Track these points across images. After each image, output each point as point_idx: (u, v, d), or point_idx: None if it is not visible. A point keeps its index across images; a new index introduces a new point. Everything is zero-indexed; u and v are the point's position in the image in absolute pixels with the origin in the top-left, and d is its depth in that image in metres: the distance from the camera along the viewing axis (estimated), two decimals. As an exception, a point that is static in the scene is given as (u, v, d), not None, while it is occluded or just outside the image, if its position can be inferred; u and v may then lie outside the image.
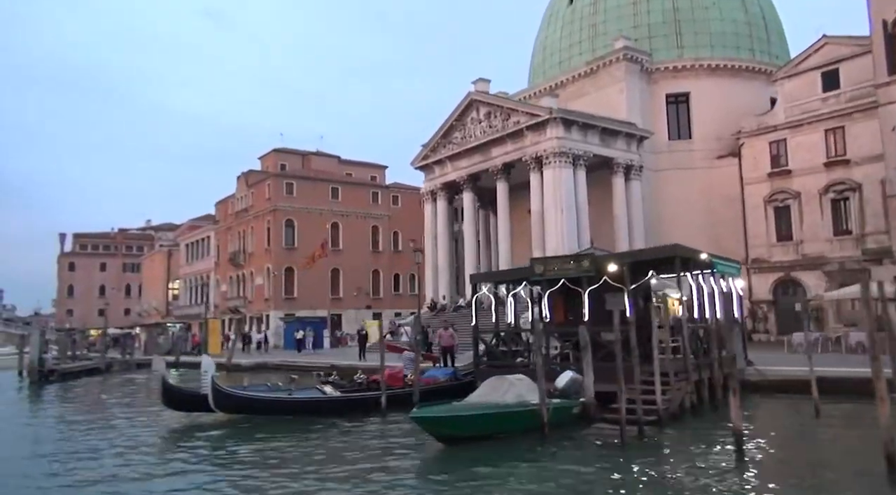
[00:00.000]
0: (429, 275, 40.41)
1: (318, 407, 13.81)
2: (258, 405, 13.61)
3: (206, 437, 12.64)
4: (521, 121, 33.58)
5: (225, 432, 12.99)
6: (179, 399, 14.04)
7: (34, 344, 28.11)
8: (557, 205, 31.53)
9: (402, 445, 11.40)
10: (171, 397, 13.79)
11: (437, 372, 15.72)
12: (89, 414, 17.78)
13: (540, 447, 10.72)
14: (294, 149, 61.62)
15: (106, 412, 18.43)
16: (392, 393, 14.28)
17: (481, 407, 11.30)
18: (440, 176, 39.61)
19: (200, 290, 67.07)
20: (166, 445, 12.27)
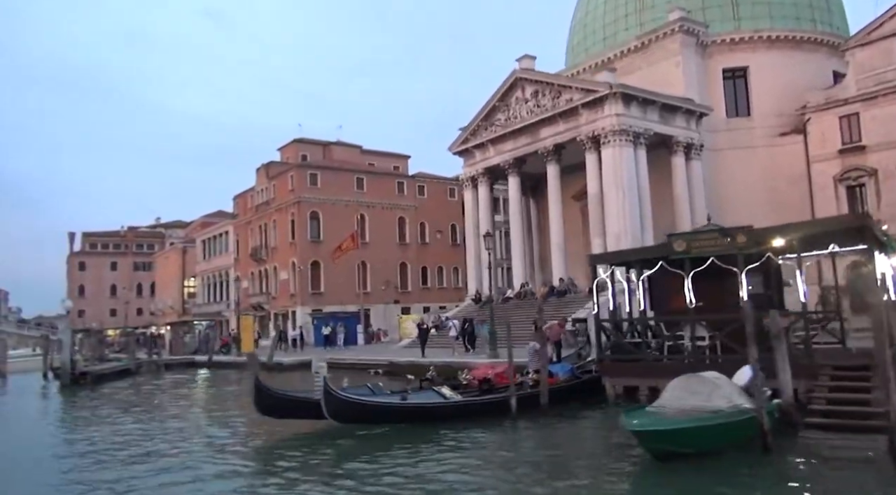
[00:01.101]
0: (471, 266, 38.37)
1: (445, 413, 11.77)
2: (383, 412, 11.52)
3: (336, 453, 10.50)
4: (574, 98, 31.45)
5: (349, 444, 10.83)
6: (281, 405, 11.79)
7: (65, 345, 26.15)
8: (619, 186, 29.43)
9: (594, 461, 9.25)
10: (268, 402, 11.65)
11: (554, 368, 13.66)
12: (172, 422, 15.81)
13: (766, 464, 8.50)
14: (315, 140, 59.57)
15: (190, 418, 16.43)
16: (518, 395, 12.21)
17: (701, 416, 9.03)
18: (482, 160, 37.51)
19: (219, 287, 65.10)
20: (289, 463, 10.11)
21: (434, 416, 11.63)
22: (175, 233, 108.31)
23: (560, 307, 30.02)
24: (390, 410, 11.47)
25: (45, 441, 13.17)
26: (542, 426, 12.05)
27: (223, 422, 15.03)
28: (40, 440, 13.55)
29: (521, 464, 9.39)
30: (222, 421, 15.26)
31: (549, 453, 10.06)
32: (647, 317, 12.75)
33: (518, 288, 34.42)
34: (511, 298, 34.35)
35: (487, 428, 11.57)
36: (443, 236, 58.21)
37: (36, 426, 15.96)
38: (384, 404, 11.53)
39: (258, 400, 11.38)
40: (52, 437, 13.58)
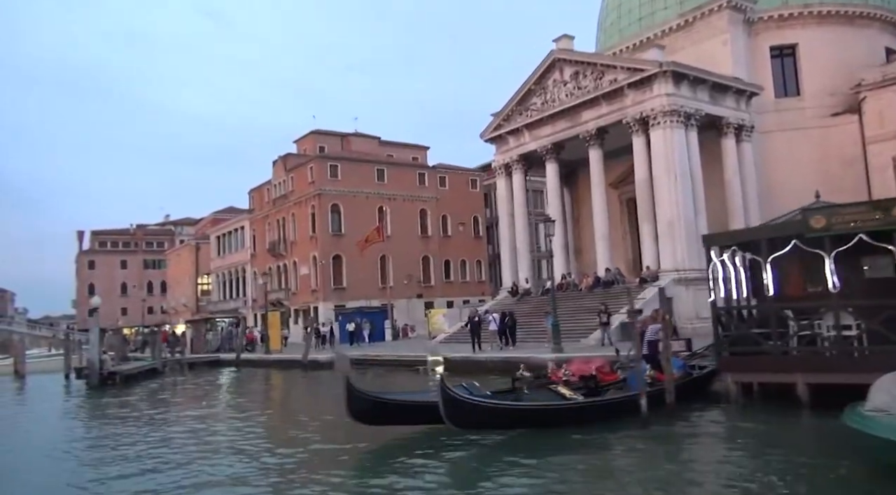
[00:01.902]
0: (506, 258, 36.87)
1: (571, 416, 10.27)
2: (512, 416, 9.97)
3: (467, 464, 9.01)
4: (619, 78, 29.87)
5: (478, 453, 9.30)
6: (382, 409, 10.17)
7: (94, 344, 24.72)
8: (670, 170, 27.88)
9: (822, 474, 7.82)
10: (364, 406, 9.93)
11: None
12: (245, 423, 14.37)
13: None
14: (332, 131, 58.03)
15: (264, 420, 14.92)
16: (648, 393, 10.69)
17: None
18: (516, 147, 35.96)
19: (235, 284, 63.76)
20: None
21: (561, 419, 10.15)
22: (185, 230, 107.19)
23: (608, 299, 28.50)
24: (520, 413, 9.96)
25: (115, 452, 11.62)
26: (689, 426, 10.52)
27: (304, 425, 13.52)
28: (105, 448, 12.07)
29: (718, 476, 7.89)
30: (304, 424, 13.70)
31: (753, 459, 8.55)
32: (778, 305, 11.22)
33: (559, 279, 32.87)
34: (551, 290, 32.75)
35: (621, 431, 10.06)
36: (465, 228, 56.76)
37: (90, 433, 14.47)
38: (515, 407, 9.99)
39: (353, 405, 9.82)
40: (126, 448, 12.00)
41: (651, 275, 27.95)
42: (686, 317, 26.85)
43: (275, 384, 25.17)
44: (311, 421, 13.92)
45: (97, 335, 25.12)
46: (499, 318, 28.31)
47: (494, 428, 9.87)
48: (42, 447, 12.54)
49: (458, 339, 32.02)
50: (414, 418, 10.43)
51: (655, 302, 26.19)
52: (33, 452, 12.30)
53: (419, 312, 51.76)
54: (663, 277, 27.47)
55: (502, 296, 35.63)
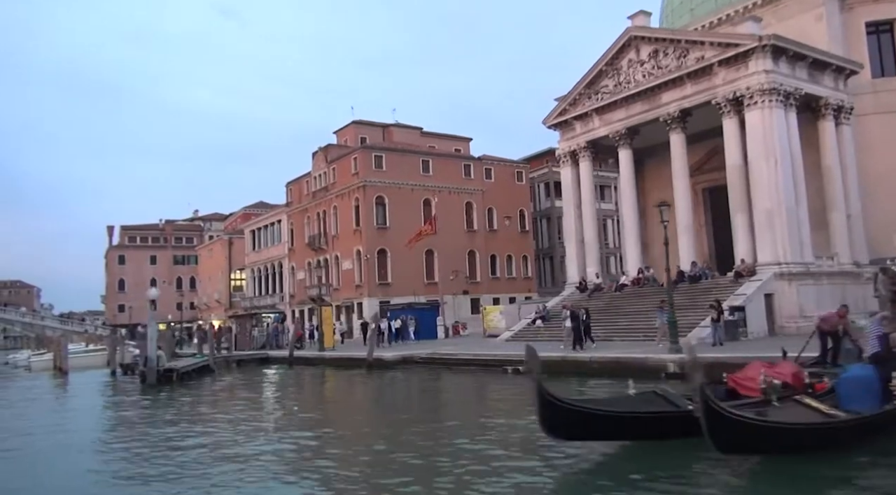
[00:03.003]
0: (571, 251, 34.60)
1: (844, 435, 8.09)
2: (787, 437, 7.72)
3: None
4: (707, 55, 27.51)
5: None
6: (593, 422, 8.03)
7: (152, 339, 22.95)
8: (769, 154, 25.47)
9: None
10: (569, 419, 7.74)
11: (855, 370, 9.80)
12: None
13: None
14: (374, 121, 56.09)
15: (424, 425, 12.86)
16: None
17: None
18: (583, 133, 33.70)
19: (271, 279, 62.15)
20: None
21: (825, 441, 7.95)
22: (213, 225, 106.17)
23: (696, 295, 26.24)
24: (795, 435, 7.73)
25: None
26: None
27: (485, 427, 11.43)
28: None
29: None
30: (452, 436, 11.48)
31: None
32: None
33: (634, 274, 30.60)
34: (626, 285, 30.55)
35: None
36: (511, 222, 54.55)
37: (186, 439, 12.48)
38: (792, 428, 7.77)
39: (549, 416, 7.69)
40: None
41: (747, 269, 25.58)
42: (788, 315, 24.51)
43: (348, 384, 23.02)
44: (465, 433, 11.61)
45: (156, 330, 23.38)
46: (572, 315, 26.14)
47: (762, 452, 7.69)
48: (148, 455, 10.72)
49: (526, 337, 29.92)
50: (629, 433, 8.33)
51: (759, 299, 24.01)
52: (136, 460, 10.48)
53: (465, 309, 49.77)
54: (761, 272, 25.11)
55: (568, 291, 33.40)
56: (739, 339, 22.07)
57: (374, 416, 15.10)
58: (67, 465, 10.50)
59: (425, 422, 13.19)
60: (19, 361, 46.16)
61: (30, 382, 30.24)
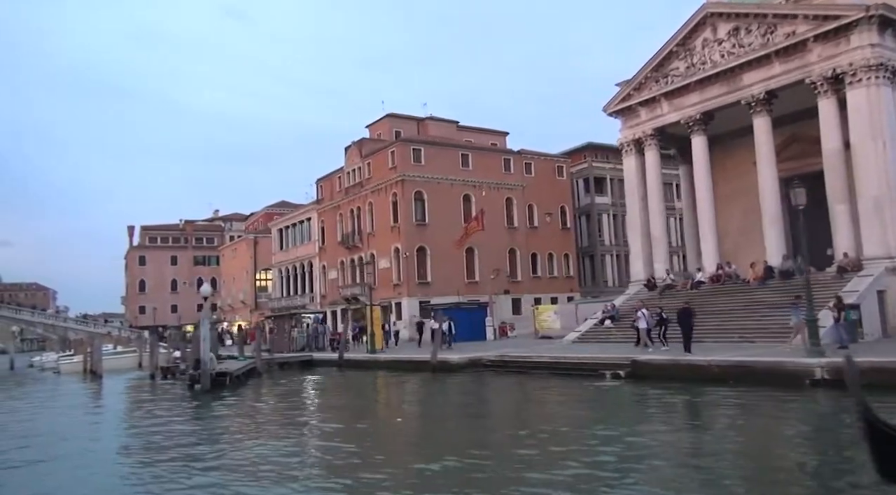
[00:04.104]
0: (636, 246, 32.31)
1: None
2: None
3: None
4: (798, 31, 25.19)
5: None
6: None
7: (206, 340, 20.89)
8: (876, 136, 23.11)
9: None
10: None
11: None
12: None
13: None
14: (408, 115, 54.03)
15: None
16: None
17: None
18: (650, 119, 31.43)
19: (300, 279, 60.19)
20: None
21: None
22: (234, 225, 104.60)
23: (796, 292, 23.80)
24: None
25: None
26: None
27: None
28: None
29: None
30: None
31: None
32: None
33: (712, 270, 28.27)
34: (703, 283, 28.23)
35: None
36: (552, 219, 52.30)
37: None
38: None
39: (890, 458, 5.42)
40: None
41: (851, 263, 23.21)
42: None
43: (426, 391, 20.51)
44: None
45: (209, 330, 21.39)
46: (647, 315, 23.90)
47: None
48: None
49: (595, 338, 27.74)
50: None
51: (872, 296, 21.67)
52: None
53: (506, 310, 47.53)
54: (869, 266, 22.73)
55: (634, 290, 31.10)
56: (857, 341, 19.73)
57: (504, 432, 12.75)
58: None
59: (580, 441, 10.92)
60: (46, 364, 44.45)
61: (65, 386, 28.41)
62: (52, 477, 9.80)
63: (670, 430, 11.63)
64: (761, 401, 13.81)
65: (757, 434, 11.04)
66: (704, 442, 10.60)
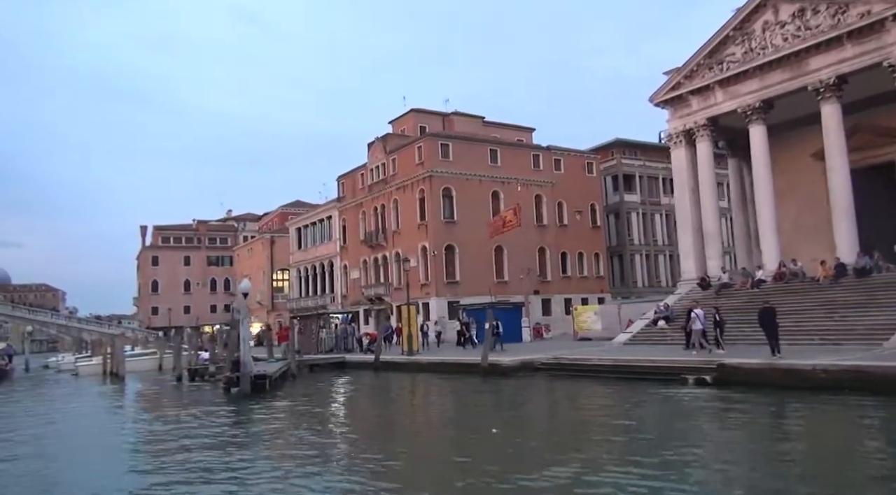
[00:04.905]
0: (687, 243, 30.57)
1: None
2: None
3: None
4: (874, 10, 23.47)
5: None
6: None
7: (245, 340, 19.28)
8: (965, 122, 21.39)
9: None
10: None
11: None
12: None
13: None
14: (433, 110, 52.48)
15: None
16: None
17: None
18: (702, 109, 29.73)
19: (320, 279, 58.66)
20: None
21: None
22: (248, 225, 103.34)
23: (876, 291, 22.10)
24: None
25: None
26: None
27: None
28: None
29: None
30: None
31: None
32: None
33: (774, 267, 26.52)
34: (765, 281, 26.47)
35: None
36: (582, 217, 50.61)
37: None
38: None
39: None
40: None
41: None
42: None
43: (480, 395, 18.75)
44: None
45: (248, 329, 19.81)
46: (702, 315, 22.20)
47: None
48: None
49: (649, 340, 26.05)
50: None
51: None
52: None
53: (536, 311, 45.83)
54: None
55: (686, 289, 29.36)
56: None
57: (634, 446, 11.07)
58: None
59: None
60: (63, 365, 43.03)
61: (89, 388, 26.89)
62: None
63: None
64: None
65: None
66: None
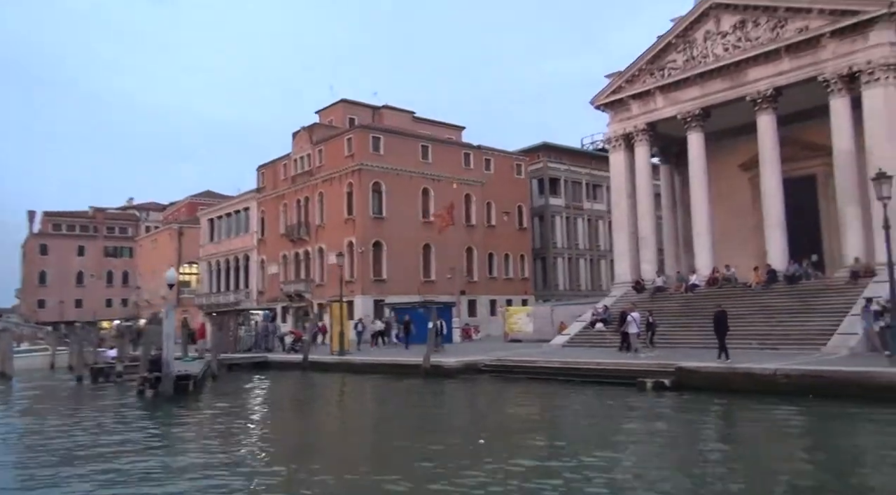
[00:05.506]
0: (622, 246, 30.71)
1: None
2: None
3: None
4: (812, 26, 24.28)
5: None
6: None
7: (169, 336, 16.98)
8: (892, 137, 22.39)
9: None
10: None
11: None
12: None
13: None
14: (363, 102, 50.74)
15: None
16: None
17: None
18: (642, 113, 29.97)
19: (233, 274, 55.46)
20: None
21: None
22: (151, 215, 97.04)
23: (807, 298, 22.79)
24: None
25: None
26: None
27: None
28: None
29: None
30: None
31: None
32: None
33: (709, 273, 26.98)
34: (698, 286, 26.88)
35: None
36: (509, 218, 50.48)
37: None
38: None
39: None
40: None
41: (864, 268, 22.34)
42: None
43: (437, 398, 17.59)
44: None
45: (173, 324, 17.62)
46: (639, 318, 22.31)
47: None
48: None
49: (588, 342, 25.81)
50: None
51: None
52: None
53: (462, 311, 45.17)
54: (883, 272, 21.82)
55: (621, 292, 29.47)
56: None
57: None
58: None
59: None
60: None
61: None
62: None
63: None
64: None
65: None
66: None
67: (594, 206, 57.98)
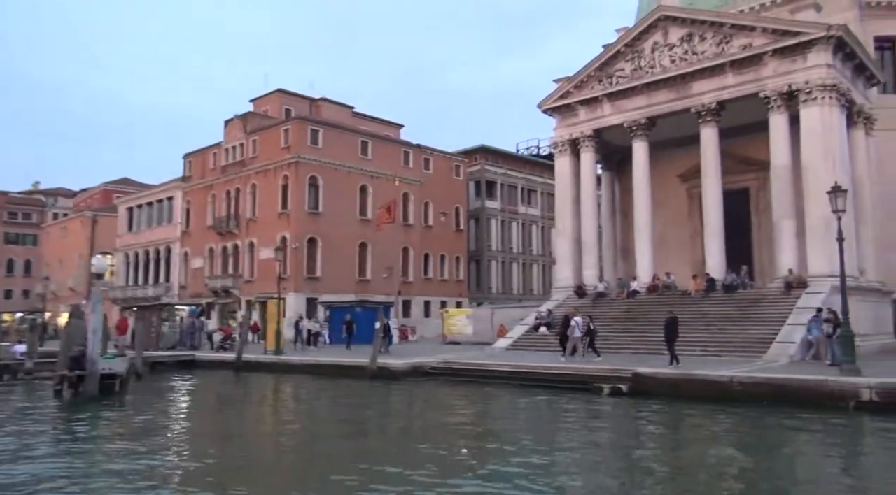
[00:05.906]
0: (565, 251, 30.82)
1: None
2: None
3: None
4: (756, 43, 25.12)
5: None
6: None
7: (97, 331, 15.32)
8: (827, 155, 23.39)
9: None
10: None
11: None
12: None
13: None
14: (301, 94, 49.07)
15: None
16: None
17: None
18: (589, 120, 30.21)
19: (153, 266, 52.41)
20: None
21: None
22: (59, 201, 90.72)
23: (746, 306, 23.49)
24: None
25: None
26: None
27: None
28: None
29: None
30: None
31: None
32: None
33: (649, 280, 27.43)
34: (639, 292, 27.30)
35: None
36: (447, 219, 50.14)
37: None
38: None
39: None
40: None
41: (797, 280, 23.24)
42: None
43: (397, 403, 16.83)
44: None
45: (100, 318, 15.94)
46: (581, 323, 22.37)
47: None
48: None
49: (532, 346, 25.66)
50: None
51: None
52: None
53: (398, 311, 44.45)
54: (815, 284, 22.81)
55: (562, 296, 29.55)
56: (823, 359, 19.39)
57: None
58: None
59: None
60: None
61: None
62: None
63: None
64: (834, 430, 12.09)
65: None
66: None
67: (528, 211, 58.56)
